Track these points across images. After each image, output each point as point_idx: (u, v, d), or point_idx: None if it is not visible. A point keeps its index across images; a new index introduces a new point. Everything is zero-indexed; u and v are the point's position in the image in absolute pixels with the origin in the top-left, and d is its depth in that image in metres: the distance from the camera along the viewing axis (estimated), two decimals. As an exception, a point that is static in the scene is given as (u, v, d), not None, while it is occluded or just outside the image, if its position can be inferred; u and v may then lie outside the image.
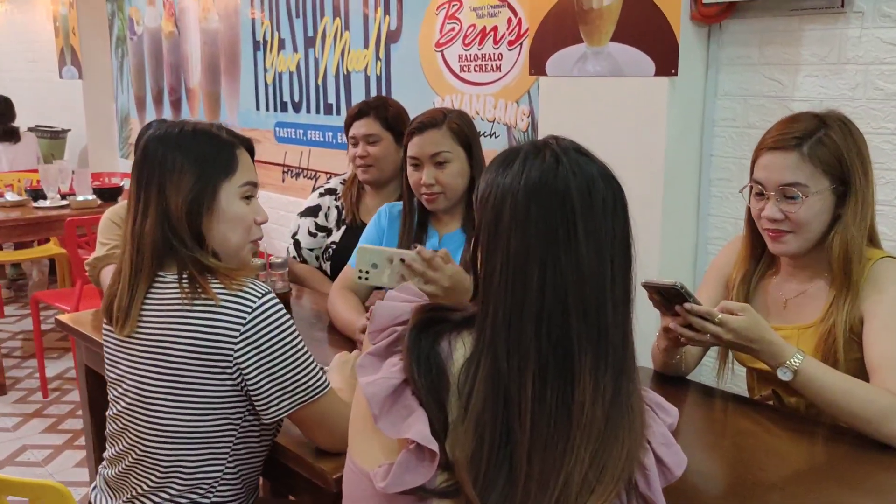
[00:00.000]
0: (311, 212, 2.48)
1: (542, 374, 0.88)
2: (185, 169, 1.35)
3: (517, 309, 0.89)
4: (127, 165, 5.40)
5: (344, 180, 2.52)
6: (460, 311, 0.97)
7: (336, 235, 2.43)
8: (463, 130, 1.97)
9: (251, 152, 1.47)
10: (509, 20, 2.76)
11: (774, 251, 1.51)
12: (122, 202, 2.46)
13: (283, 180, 4.14)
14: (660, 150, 2.16)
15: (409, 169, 1.98)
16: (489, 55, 2.85)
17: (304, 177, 3.98)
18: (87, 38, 5.62)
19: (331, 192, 2.50)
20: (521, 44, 2.73)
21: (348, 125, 2.42)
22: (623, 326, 0.92)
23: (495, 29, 2.82)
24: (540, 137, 2.51)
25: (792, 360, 1.34)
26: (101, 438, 1.63)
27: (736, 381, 1.74)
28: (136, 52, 5.38)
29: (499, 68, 2.83)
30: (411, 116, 3.18)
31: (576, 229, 0.89)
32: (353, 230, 2.35)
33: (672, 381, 1.64)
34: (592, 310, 0.89)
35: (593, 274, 0.89)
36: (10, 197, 4.03)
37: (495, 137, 2.88)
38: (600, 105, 2.28)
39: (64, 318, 2.14)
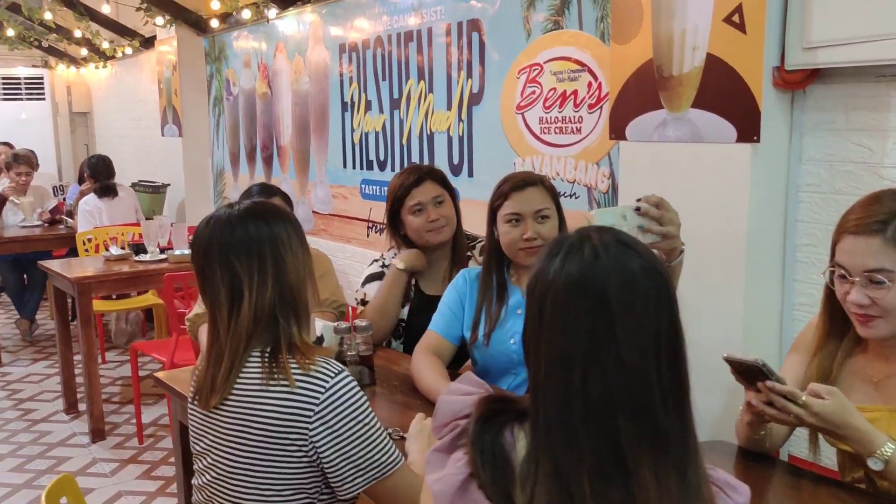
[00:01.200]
0: (377, 277, 2.50)
1: (601, 471, 0.88)
2: (292, 238, 1.42)
3: (565, 407, 0.89)
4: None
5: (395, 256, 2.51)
6: (521, 402, 0.98)
7: (403, 313, 2.44)
8: (554, 190, 2.10)
9: None
10: (589, 84, 2.80)
11: (863, 335, 1.47)
12: None
13: (368, 235, 4.26)
14: (742, 215, 2.14)
15: (505, 227, 2.05)
16: (569, 118, 2.90)
17: (388, 232, 4.08)
18: (188, 99, 5.97)
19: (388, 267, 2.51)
20: (600, 107, 2.77)
21: (403, 195, 2.40)
22: (680, 417, 0.90)
23: (575, 93, 2.86)
24: (620, 204, 2.52)
25: (883, 450, 1.30)
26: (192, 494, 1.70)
27: (831, 453, 1.68)
28: (231, 111, 5.68)
29: (579, 131, 2.87)
30: (493, 176, 3.26)
31: (614, 329, 0.88)
32: (421, 304, 2.39)
33: (757, 459, 1.61)
34: (641, 407, 0.88)
35: (637, 372, 0.88)
36: (115, 251, 4.28)
37: (575, 198, 2.91)
38: (681, 170, 2.28)
39: (161, 375, 2.26)
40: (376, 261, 2.59)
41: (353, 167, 4.31)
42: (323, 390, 1.33)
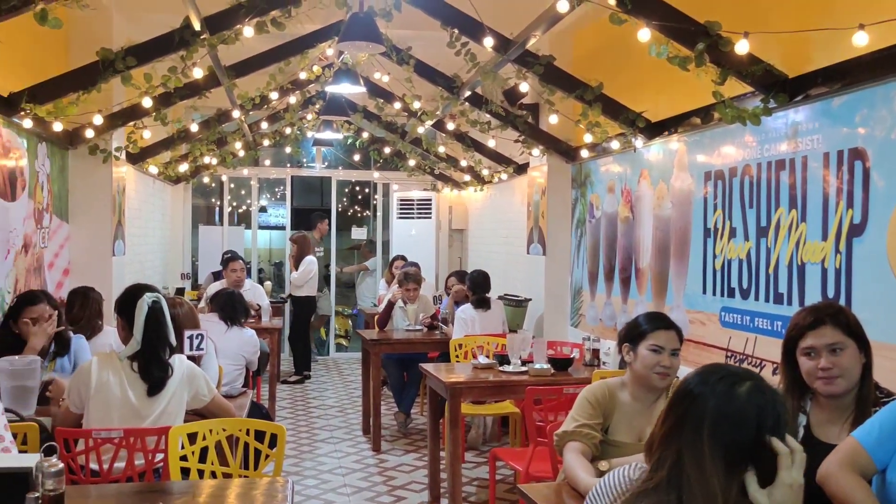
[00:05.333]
0: None
1: None
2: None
3: None
4: (576, 335, 5.89)
5: None
6: None
7: None
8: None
9: None
10: None
11: None
12: (599, 382, 2.72)
13: (727, 365, 4.10)
14: None
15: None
16: (977, 255, 2.56)
17: (749, 363, 3.90)
18: (553, 220, 6.41)
19: None
20: None
21: (797, 336, 2.27)
22: None
23: (985, 228, 2.54)
24: None
25: None
26: None
27: None
28: (592, 232, 5.96)
29: None
30: (874, 313, 2.98)
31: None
32: (810, 451, 2.22)
33: None
34: None
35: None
36: (482, 360, 4.69)
37: (985, 347, 2.53)
38: None
39: (525, 487, 2.41)
40: None
41: (714, 294, 4.23)
42: None
